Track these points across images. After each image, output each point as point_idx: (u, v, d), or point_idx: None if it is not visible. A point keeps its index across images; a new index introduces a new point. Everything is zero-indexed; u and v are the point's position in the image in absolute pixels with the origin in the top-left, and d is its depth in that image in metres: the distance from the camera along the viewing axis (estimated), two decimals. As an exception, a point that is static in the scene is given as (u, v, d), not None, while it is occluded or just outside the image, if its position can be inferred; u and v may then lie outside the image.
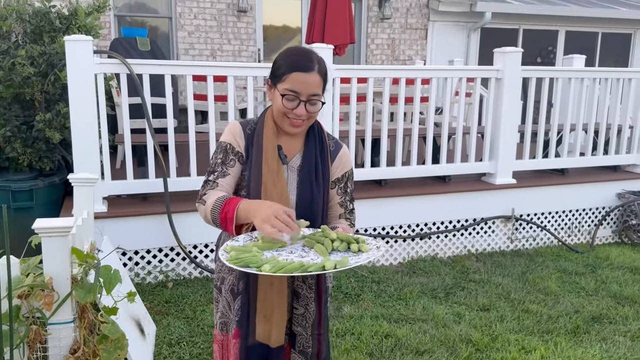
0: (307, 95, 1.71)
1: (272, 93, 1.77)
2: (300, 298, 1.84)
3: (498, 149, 4.88)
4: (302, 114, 1.72)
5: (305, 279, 1.83)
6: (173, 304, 3.72)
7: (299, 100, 1.71)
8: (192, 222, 4.00)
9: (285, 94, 1.71)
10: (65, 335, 2.32)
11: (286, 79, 1.71)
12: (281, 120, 1.77)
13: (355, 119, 4.52)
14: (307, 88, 1.70)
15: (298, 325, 1.86)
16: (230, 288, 1.84)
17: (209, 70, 4.00)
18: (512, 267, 4.57)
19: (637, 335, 3.42)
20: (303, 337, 1.86)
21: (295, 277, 1.82)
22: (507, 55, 4.71)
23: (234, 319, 1.82)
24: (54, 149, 4.13)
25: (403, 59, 8.92)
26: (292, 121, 1.75)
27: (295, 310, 1.86)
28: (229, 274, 1.85)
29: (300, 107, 1.72)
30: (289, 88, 1.70)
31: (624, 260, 4.78)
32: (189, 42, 7.88)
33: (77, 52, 3.57)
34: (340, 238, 1.66)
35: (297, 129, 1.77)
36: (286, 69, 1.71)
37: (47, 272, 2.24)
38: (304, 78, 1.69)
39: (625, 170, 5.68)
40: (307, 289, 1.84)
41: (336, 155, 1.90)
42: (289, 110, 1.72)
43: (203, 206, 1.75)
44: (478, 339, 3.29)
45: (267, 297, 1.77)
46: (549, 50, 9.94)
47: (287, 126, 1.77)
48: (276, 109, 1.76)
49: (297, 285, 1.84)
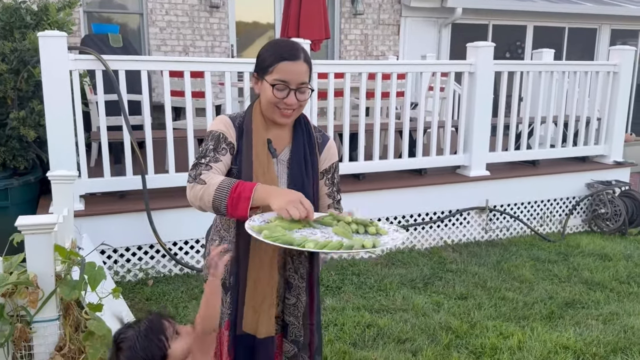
0: (296, 83, 1.74)
1: (260, 86, 1.79)
2: (292, 288, 1.86)
3: (472, 141, 4.99)
4: (292, 103, 1.75)
5: (298, 269, 1.85)
6: (154, 301, 3.70)
7: (289, 90, 1.74)
8: (172, 219, 3.99)
9: (275, 84, 1.73)
10: (50, 333, 2.31)
11: (274, 69, 1.74)
12: (272, 112, 1.78)
13: (332, 114, 4.56)
14: (296, 77, 1.74)
15: (290, 315, 1.88)
16: (222, 282, 1.82)
17: (186, 65, 3.98)
18: (487, 256, 4.68)
19: (608, 318, 3.55)
20: (295, 327, 1.88)
21: (286, 267, 1.85)
22: (480, 50, 4.81)
23: (227, 312, 1.83)
24: (28, 147, 4.06)
25: (376, 54, 8.99)
26: (282, 112, 1.77)
27: (287, 301, 1.88)
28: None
29: (291, 96, 1.75)
30: (278, 78, 1.73)
31: (594, 247, 4.94)
32: (161, 39, 7.80)
33: (51, 48, 3.51)
34: (355, 221, 1.70)
35: (288, 119, 1.80)
36: (273, 60, 1.74)
37: (31, 270, 2.23)
38: (291, 67, 1.73)
39: (594, 161, 5.87)
40: (299, 279, 1.86)
41: (324, 147, 1.94)
42: (280, 100, 1.75)
43: (201, 185, 1.68)
44: (457, 326, 3.37)
45: (257, 288, 1.79)
46: (517, 45, 10.14)
47: (278, 117, 1.79)
48: (266, 101, 1.77)
49: (289, 275, 1.86)
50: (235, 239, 1.81)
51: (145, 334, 1.49)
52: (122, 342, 1.50)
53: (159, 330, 1.52)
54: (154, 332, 1.50)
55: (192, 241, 4.13)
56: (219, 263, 1.58)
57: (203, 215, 4.22)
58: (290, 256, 1.85)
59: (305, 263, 1.88)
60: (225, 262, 1.58)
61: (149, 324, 1.52)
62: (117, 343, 1.50)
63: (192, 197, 1.71)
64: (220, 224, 1.87)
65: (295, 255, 1.84)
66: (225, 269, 1.84)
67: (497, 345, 3.15)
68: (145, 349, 1.47)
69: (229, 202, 1.64)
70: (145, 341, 1.48)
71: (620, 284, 4.16)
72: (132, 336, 1.49)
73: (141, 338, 1.48)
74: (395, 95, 4.70)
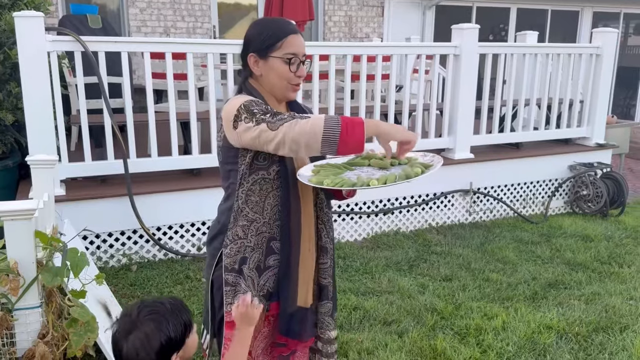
0: (301, 56, 1.75)
1: (264, 65, 1.75)
2: (327, 252, 1.89)
3: (456, 124, 4.99)
4: (304, 75, 1.77)
5: (329, 233, 1.89)
6: (138, 286, 3.66)
7: (299, 61, 1.75)
8: (155, 204, 3.94)
9: (290, 57, 1.72)
10: (33, 320, 2.27)
11: (282, 44, 1.72)
12: (284, 88, 1.77)
13: (317, 97, 4.52)
14: (301, 49, 1.75)
15: (327, 277, 1.91)
16: (256, 265, 1.78)
17: (167, 47, 3.90)
18: (472, 238, 4.71)
19: (590, 298, 3.61)
20: (331, 285, 1.93)
21: (322, 235, 1.88)
22: (465, 32, 4.78)
23: (258, 295, 1.79)
24: (5, 131, 3.96)
25: (360, 36, 8.92)
26: (293, 86, 1.78)
27: (323, 265, 1.90)
28: (253, 251, 1.77)
29: (302, 68, 1.76)
30: (290, 52, 1.72)
31: (576, 229, 5.00)
32: (141, 19, 7.63)
33: (28, 29, 3.41)
34: (384, 156, 1.73)
35: (295, 93, 1.81)
36: (280, 35, 1.72)
37: (11, 257, 2.18)
38: (297, 40, 1.74)
39: (577, 143, 5.92)
40: (330, 242, 1.90)
41: None
42: (293, 74, 1.74)
43: (304, 120, 1.57)
44: (442, 307, 3.40)
45: (306, 262, 1.79)
46: (500, 27, 10.14)
47: (289, 92, 1.78)
48: (277, 77, 1.74)
49: (324, 241, 1.88)
50: (283, 219, 1.76)
51: (176, 312, 1.46)
52: (150, 314, 1.44)
53: (187, 313, 1.50)
54: (183, 313, 1.49)
55: (176, 226, 4.09)
56: (256, 313, 1.58)
57: (187, 199, 4.15)
58: (324, 223, 1.88)
59: (332, 226, 1.93)
60: (261, 310, 1.60)
61: (178, 305, 1.50)
62: (139, 312, 1.44)
63: (297, 133, 1.56)
64: (248, 207, 1.76)
65: (326, 221, 1.88)
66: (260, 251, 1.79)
67: (481, 326, 3.18)
68: (175, 328, 1.44)
69: (343, 129, 1.53)
70: (175, 320, 1.45)
71: (601, 264, 4.22)
72: (163, 311, 1.45)
73: (172, 315, 1.44)
74: (380, 77, 4.66)
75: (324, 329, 1.94)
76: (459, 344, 3.01)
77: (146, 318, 1.42)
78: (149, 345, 1.40)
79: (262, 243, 1.78)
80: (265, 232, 1.77)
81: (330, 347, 1.96)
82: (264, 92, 1.79)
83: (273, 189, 1.75)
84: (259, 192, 1.75)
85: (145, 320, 1.42)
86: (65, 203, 3.68)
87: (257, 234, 1.77)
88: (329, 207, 1.92)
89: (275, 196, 1.75)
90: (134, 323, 1.42)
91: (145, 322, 1.42)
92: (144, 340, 1.40)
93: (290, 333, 1.82)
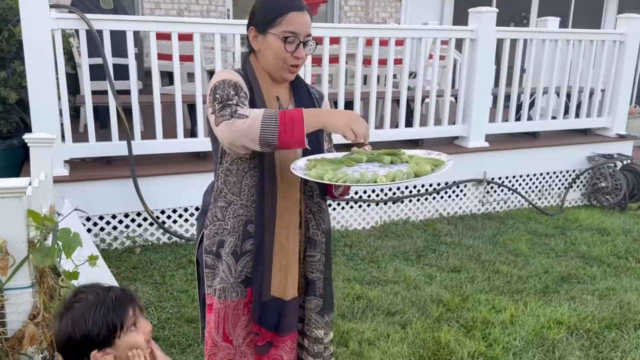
0: (304, 35, 1.64)
1: (262, 41, 1.66)
2: (316, 245, 1.79)
3: (471, 112, 4.84)
4: (302, 56, 1.65)
5: (320, 225, 1.78)
6: (141, 269, 3.62)
7: (298, 42, 1.64)
8: (160, 187, 3.89)
9: (288, 36, 1.62)
10: (23, 301, 2.22)
11: (282, 21, 1.61)
12: (279, 68, 1.67)
13: (328, 82, 4.41)
14: (304, 28, 1.64)
15: (315, 271, 1.80)
16: (232, 250, 1.70)
17: (174, 26, 3.82)
18: (483, 229, 4.59)
19: (604, 293, 3.47)
20: (320, 281, 1.82)
21: (309, 225, 1.78)
22: (482, 15, 4.62)
23: (236, 281, 1.71)
24: (11, 110, 3.93)
25: (377, 21, 8.75)
26: (290, 67, 1.66)
27: (310, 258, 1.80)
28: (229, 235, 1.70)
29: (300, 49, 1.65)
30: (289, 30, 1.62)
31: (593, 222, 4.85)
32: (155, 2, 7.57)
33: (31, 5, 3.35)
34: (385, 153, 1.65)
35: (293, 75, 1.71)
36: (281, 11, 1.62)
37: (0, 235, 2.13)
38: (300, 18, 1.63)
39: (596, 133, 5.73)
40: (321, 234, 1.79)
41: (322, 102, 1.86)
42: (289, 54, 1.63)
43: (242, 119, 1.48)
44: (449, 299, 3.29)
45: (283, 251, 1.69)
46: (522, 15, 9.88)
47: (285, 73, 1.68)
48: (273, 56, 1.65)
49: (312, 232, 1.78)
50: (258, 201, 1.67)
51: (103, 309, 1.34)
52: (77, 302, 1.36)
53: (121, 314, 1.36)
54: (114, 313, 1.35)
55: (181, 209, 4.03)
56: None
57: (192, 183, 4.09)
58: (312, 213, 1.77)
59: (325, 218, 1.81)
60: None
61: (115, 302, 1.37)
62: (73, 296, 1.36)
63: (233, 133, 1.48)
64: (227, 187, 1.70)
65: (316, 211, 1.77)
66: (237, 236, 1.71)
67: (488, 319, 3.07)
68: (95, 325, 1.32)
69: (281, 128, 1.45)
70: (98, 317, 1.33)
71: (618, 259, 4.07)
72: (90, 304, 1.34)
73: (97, 310, 1.33)
74: (392, 62, 4.53)
75: (310, 326, 1.84)
76: (464, 337, 2.91)
77: (72, 306, 1.34)
78: (64, 335, 1.33)
79: (238, 226, 1.69)
80: (243, 215, 1.69)
81: (317, 347, 1.85)
82: (260, 71, 1.70)
83: (250, 168, 1.67)
84: (236, 172, 1.67)
85: (70, 309, 1.34)
86: (68, 184, 3.64)
87: (234, 217, 1.69)
88: (322, 197, 1.81)
89: (253, 176, 1.67)
90: (64, 308, 1.35)
91: (69, 310, 1.34)
92: (62, 329, 1.33)
93: (264, 323, 1.72)
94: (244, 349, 1.77)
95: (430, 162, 1.55)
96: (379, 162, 1.63)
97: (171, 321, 2.99)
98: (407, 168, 1.52)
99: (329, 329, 1.89)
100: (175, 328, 2.93)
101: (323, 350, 1.87)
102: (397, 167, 1.55)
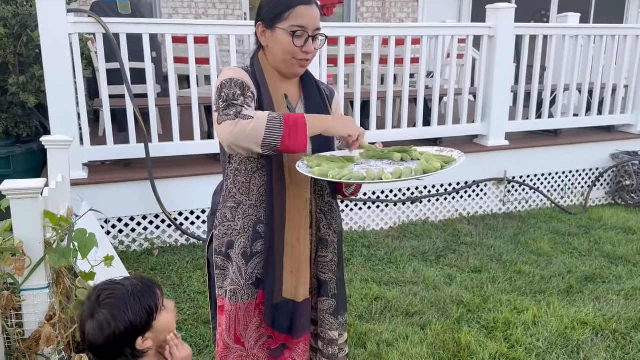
0: (312, 29, 1.62)
1: (271, 36, 1.64)
2: (328, 245, 1.77)
3: (490, 110, 4.77)
4: (311, 51, 1.63)
5: (331, 225, 1.77)
6: (159, 271, 3.63)
7: (307, 36, 1.61)
8: (178, 189, 3.89)
9: (296, 30, 1.60)
10: (40, 302, 2.23)
11: (290, 15, 1.60)
12: (288, 63, 1.64)
13: (344, 82, 4.38)
14: (313, 22, 1.62)
15: (328, 272, 1.79)
16: (242, 251, 1.69)
17: (189, 29, 3.83)
18: (504, 229, 4.50)
19: (630, 293, 3.37)
20: (333, 282, 1.80)
21: (321, 225, 1.77)
22: (500, 12, 4.55)
23: (247, 284, 1.69)
24: (30, 114, 3.98)
25: (394, 22, 8.70)
26: (300, 62, 1.64)
27: (322, 258, 1.78)
28: (239, 236, 1.69)
29: (309, 44, 1.62)
30: (297, 24, 1.60)
31: (617, 221, 4.72)
32: (173, 7, 7.64)
33: (49, 10, 3.39)
34: (395, 150, 1.64)
35: (303, 69, 1.69)
36: (289, 5, 1.60)
37: (17, 236, 2.14)
38: (308, 11, 1.61)
39: (620, 130, 5.59)
40: (333, 234, 1.77)
41: (332, 99, 1.83)
42: (298, 49, 1.61)
43: (247, 120, 1.48)
44: (469, 300, 3.23)
45: (294, 252, 1.67)
46: (542, 13, 9.74)
47: (295, 68, 1.66)
48: (282, 51, 1.63)
49: (323, 232, 1.76)
50: (267, 201, 1.65)
51: (137, 296, 1.37)
52: (107, 298, 1.36)
53: (152, 296, 1.40)
54: (147, 296, 1.39)
55: (198, 211, 4.04)
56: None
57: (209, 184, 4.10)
58: (323, 212, 1.75)
59: (337, 218, 1.79)
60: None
61: (143, 287, 1.40)
62: (98, 296, 1.37)
63: (236, 134, 1.47)
64: (235, 188, 1.68)
65: (327, 211, 1.76)
66: (247, 237, 1.69)
67: (510, 320, 3.00)
68: (136, 312, 1.35)
69: (285, 131, 1.46)
70: (136, 304, 1.36)
71: (644, 258, 3.96)
72: (122, 294, 1.36)
73: (132, 299, 1.35)
74: (409, 61, 4.48)
75: (324, 327, 1.81)
76: (485, 338, 2.85)
77: (103, 303, 1.34)
78: (106, 331, 1.33)
79: (248, 227, 1.67)
80: (252, 215, 1.66)
81: (331, 349, 1.81)
82: (268, 67, 1.67)
83: (258, 168, 1.64)
84: (244, 171, 1.65)
85: (103, 305, 1.34)
86: (87, 186, 3.67)
87: (244, 217, 1.66)
88: (334, 196, 1.78)
89: (262, 176, 1.64)
90: (93, 308, 1.35)
91: (102, 307, 1.34)
92: (101, 327, 1.32)
93: (277, 326, 1.69)
94: (257, 352, 1.74)
95: (440, 159, 1.51)
96: (389, 159, 1.60)
97: (188, 322, 2.99)
98: (416, 165, 1.49)
99: (343, 329, 1.85)
100: (192, 329, 2.92)
101: (338, 351, 1.83)
102: (406, 165, 1.53)
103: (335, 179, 1.45)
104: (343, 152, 1.68)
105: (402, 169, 1.47)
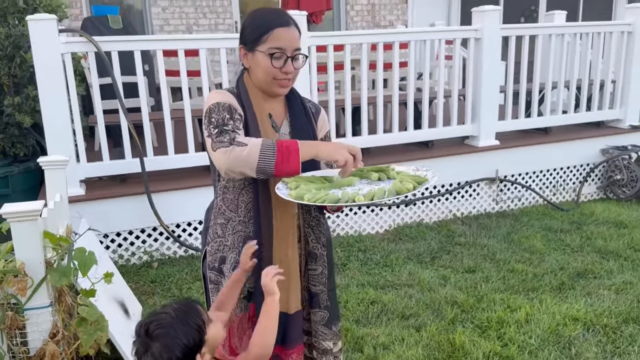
0: (291, 50, 1.68)
1: (252, 59, 1.70)
2: (317, 258, 1.83)
3: (480, 110, 4.84)
4: (291, 71, 1.69)
5: (319, 238, 1.82)
6: (159, 283, 3.69)
7: (286, 57, 1.67)
8: (174, 201, 3.96)
9: (273, 52, 1.66)
10: (43, 320, 2.29)
11: (268, 38, 1.66)
12: (269, 84, 1.70)
13: (334, 88, 4.45)
14: (292, 43, 1.67)
15: (318, 284, 1.84)
16: (233, 266, 1.75)
17: (180, 44, 3.90)
18: (498, 228, 4.57)
19: (621, 288, 3.44)
20: (324, 294, 1.85)
21: (309, 239, 1.82)
22: (486, 14, 4.62)
23: (239, 297, 1.75)
24: (27, 134, 4.04)
25: (384, 24, 8.78)
26: (280, 82, 1.70)
27: (312, 271, 1.84)
28: (230, 251, 1.75)
29: (288, 64, 1.68)
30: (275, 46, 1.66)
31: (609, 215, 4.80)
32: (164, 18, 7.70)
33: (41, 31, 3.45)
34: (371, 169, 1.69)
35: (286, 89, 1.74)
36: (267, 28, 1.66)
37: (18, 258, 2.20)
38: (286, 33, 1.67)
39: (609, 125, 5.67)
40: (322, 248, 1.83)
41: (318, 116, 1.89)
42: (278, 70, 1.67)
43: (242, 147, 1.55)
44: (463, 300, 3.30)
45: (283, 266, 1.71)
46: (532, 10, 9.82)
47: (276, 88, 1.72)
48: (262, 72, 1.69)
49: (312, 246, 1.82)
50: (255, 217, 1.72)
51: (183, 319, 1.40)
52: (157, 329, 1.39)
53: (196, 314, 1.44)
54: (192, 316, 1.42)
55: (195, 222, 4.10)
56: (274, 282, 1.54)
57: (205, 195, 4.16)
58: (311, 227, 1.81)
59: (325, 231, 1.85)
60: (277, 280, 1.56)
61: (185, 308, 1.44)
62: (147, 330, 1.40)
63: (232, 160, 1.55)
64: (225, 205, 1.76)
65: (315, 225, 1.82)
66: (237, 252, 1.74)
67: (503, 318, 3.07)
68: (187, 334, 1.38)
69: (278, 158, 1.54)
70: (184, 327, 1.39)
71: (635, 252, 4.03)
72: (169, 322, 1.39)
73: (179, 323, 1.39)
74: (398, 65, 4.55)
75: (317, 338, 1.87)
76: (478, 337, 2.92)
77: (154, 335, 1.38)
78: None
79: (238, 242, 1.73)
80: (241, 231, 1.73)
81: (326, 358, 1.87)
82: (252, 88, 1.74)
83: (245, 185, 1.71)
84: (232, 188, 1.72)
85: (154, 338, 1.37)
86: (85, 203, 3.74)
87: (234, 233, 1.73)
88: (321, 211, 1.84)
89: (249, 192, 1.71)
90: (145, 343, 1.38)
91: (154, 340, 1.37)
92: (159, 359, 1.36)
93: None
94: None
95: (414, 179, 1.59)
96: (367, 179, 1.66)
97: (189, 333, 3.04)
98: (390, 186, 1.56)
99: (337, 338, 1.92)
100: (193, 340, 2.98)
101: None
102: (382, 185, 1.60)
103: (310, 202, 1.51)
104: (324, 172, 1.74)
105: (374, 191, 1.53)
